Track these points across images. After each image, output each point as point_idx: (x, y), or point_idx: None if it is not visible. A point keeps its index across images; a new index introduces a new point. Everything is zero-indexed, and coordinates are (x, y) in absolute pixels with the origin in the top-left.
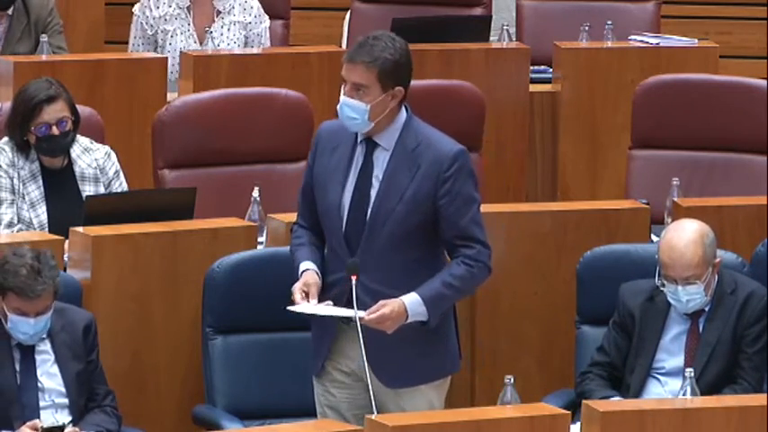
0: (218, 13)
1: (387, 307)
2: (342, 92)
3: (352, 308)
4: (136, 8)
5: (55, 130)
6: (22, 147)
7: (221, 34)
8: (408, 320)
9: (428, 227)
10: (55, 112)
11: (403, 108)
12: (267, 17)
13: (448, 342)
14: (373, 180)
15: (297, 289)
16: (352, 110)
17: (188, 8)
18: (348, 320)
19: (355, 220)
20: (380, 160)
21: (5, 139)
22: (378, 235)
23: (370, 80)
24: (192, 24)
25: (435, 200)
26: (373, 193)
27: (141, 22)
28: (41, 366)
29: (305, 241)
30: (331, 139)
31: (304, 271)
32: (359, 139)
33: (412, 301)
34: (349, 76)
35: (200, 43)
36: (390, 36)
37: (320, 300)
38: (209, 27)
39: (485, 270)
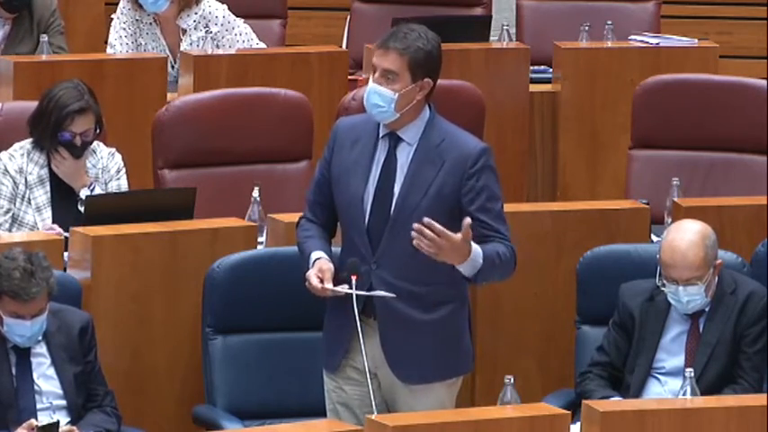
0: (184, 31)
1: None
2: (371, 79)
3: (371, 300)
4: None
5: (77, 140)
6: (41, 149)
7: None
8: (467, 261)
9: (451, 223)
10: (83, 124)
11: (427, 105)
12: (239, 21)
13: (463, 341)
14: (397, 174)
15: (312, 275)
16: (380, 97)
17: (155, 21)
18: (373, 314)
19: (378, 215)
20: (404, 155)
21: (18, 144)
22: (401, 229)
23: (401, 67)
24: (162, 40)
25: (459, 196)
26: (397, 187)
27: (121, 26)
28: (38, 369)
29: (314, 234)
30: (350, 133)
31: (317, 259)
32: (381, 134)
33: (475, 248)
34: (380, 62)
35: (174, 61)
36: (424, 28)
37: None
38: (179, 48)
39: (514, 261)
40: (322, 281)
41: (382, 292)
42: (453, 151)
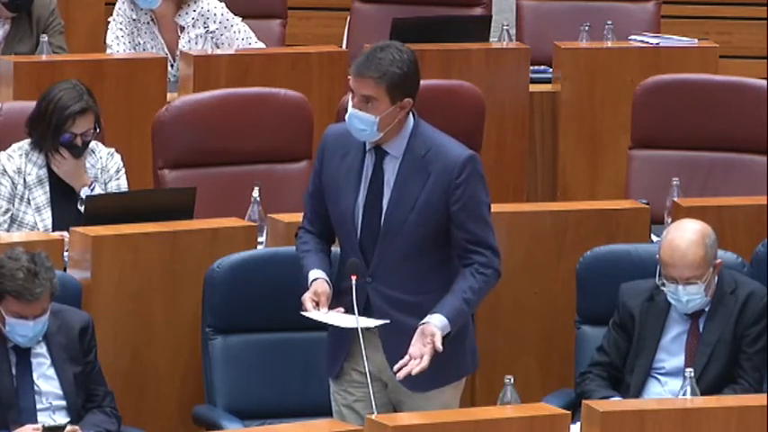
0: (182, 29)
1: (433, 344)
2: (350, 101)
3: (369, 313)
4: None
5: (78, 141)
6: (39, 150)
7: (189, 50)
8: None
9: (441, 233)
10: (84, 124)
11: (410, 114)
12: (237, 19)
13: (466, 342)
14: (384, 188)
15: (307, 298)
16: (361, 121)
17: (153, 19)
18: (370, 328)
19: (369, 229)
20: (390, 168)
21: (16, 145)
22: (392, 243)
23: (379, 94)
24: (160, 38)
25: (447, 206)
26: (385, 201)
27: (118, 27)
28: (38, 369)
29: (312, 248)
30: (339, 144)
31: (314, 280)
32: (367, 148)
33: (441, 324)
34: (357, 89)
35: (173, 59)
36: (397, 47)
37: (331, 308)
38: (177, 46)
39: (495, 275)
40: (318, 304)
41: (378, 321)
42: (438, 162)
